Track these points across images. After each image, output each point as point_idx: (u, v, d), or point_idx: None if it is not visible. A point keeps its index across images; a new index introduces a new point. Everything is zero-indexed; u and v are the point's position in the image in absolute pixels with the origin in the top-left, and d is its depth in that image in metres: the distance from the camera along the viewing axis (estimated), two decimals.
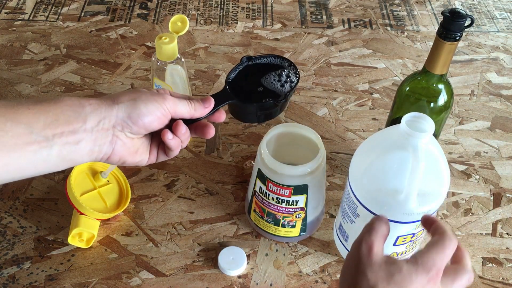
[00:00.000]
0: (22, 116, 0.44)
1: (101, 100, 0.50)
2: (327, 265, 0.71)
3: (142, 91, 0.52)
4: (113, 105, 0.50)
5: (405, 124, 0.55)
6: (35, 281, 0.68)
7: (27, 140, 0.44)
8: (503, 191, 0.82)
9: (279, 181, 0.65)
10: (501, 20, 1.18)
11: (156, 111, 0.51)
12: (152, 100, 0.51)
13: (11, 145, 0.44)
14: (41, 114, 0.45)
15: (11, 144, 0.44)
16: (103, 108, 0.49)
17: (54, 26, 1.10)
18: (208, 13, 1.16)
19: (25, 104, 0.45)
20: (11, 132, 0.43)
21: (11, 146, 0.44)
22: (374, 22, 1.15)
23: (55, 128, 0.46)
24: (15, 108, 0.45)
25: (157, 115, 0.51)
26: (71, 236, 0.70)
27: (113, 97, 0.51)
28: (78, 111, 0.47)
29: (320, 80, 1.00)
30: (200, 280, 0.69)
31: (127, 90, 0.52)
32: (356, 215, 0.63)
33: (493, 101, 0.97)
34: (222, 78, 0.99)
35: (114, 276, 0.69)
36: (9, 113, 0.44)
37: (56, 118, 0.46)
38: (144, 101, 0.51)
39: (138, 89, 0.52)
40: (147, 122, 0.51)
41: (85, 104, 0.48)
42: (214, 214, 0.77)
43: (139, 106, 0.50)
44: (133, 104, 0.50)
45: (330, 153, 0.86)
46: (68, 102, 0.48)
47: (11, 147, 0.44)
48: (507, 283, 0.70)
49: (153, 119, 0.51)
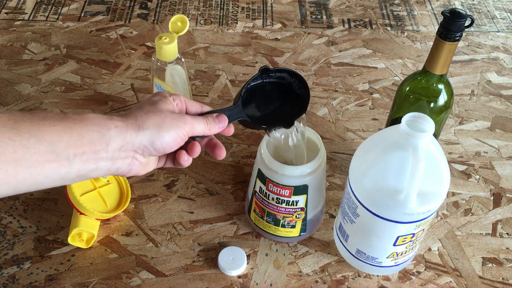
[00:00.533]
0: (46, 134, 0.45)
1: (127, 123, 0.49)
2: (327, 265, 0.72)
3: (166, 114, 0.52)
4: (138, 130, 0.50)
5: (405, 124, 0.55)
6: (35, 281, 0.68)
7: (49, 158, 0.45)
8: (503, 191, 0.82)
9: (279, 181, 0.65)
10: (501, 20, 1.18)
11: (177, 138, 0.52)
12: (174, 126, 0.52)
13: (32, 162, 0.44)
14: (65, 132, 0.46)
15: (32, 161, 0.44)
16: (128, 133, 0.49)
17: (54, 26, 1.10)
18: (208, 13, 1.16)
19: (51, 120, 0.46)
20: (34, 149, 0.44)
21: (32, 162, 0.44)
22: (374, 22, 1.15)
23: (77, 147, 0.46)
24: (41, 124, 0.45)
25: (178, 141, 0.52)
26: (71, 236, 0.70)
27: (139, 120, 0.50)
28: (103, 132, 0.48)
29: (320, 80, 1.00)
30: (200, 280, 0.69)
31: (151, 110, 0.51)
32: (356, 215, 0.63)
33: (493, 101, 0.97)
34: (222, 78, 0.99)
35: (114, 276, 0.69)
36: (34, 129, 0.44)
37: (80, 138, 0.46)
38: (168, 127, 0.51)
39: (161, 109, 0.52)
40: (167, 148, 0.52)
41: (110, 126, 0.48)
42: (214, 214, 0.77)
43: (163, 134, 0.51)
44: (158, 131, 0.51)
45: (330, 153, 0.86)
46: (94, 121, 0.48)
47: (32, 164, 0.44)
48: (507, 283, 0.70)
49: (173, 145, 0.52)
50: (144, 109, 0.51)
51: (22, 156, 0.43)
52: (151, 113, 0.51)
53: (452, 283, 0.70)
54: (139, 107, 0.52)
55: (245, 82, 0.61)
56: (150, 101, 0.53)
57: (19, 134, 0.43)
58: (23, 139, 0.43)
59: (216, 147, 0.58)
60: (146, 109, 0.51)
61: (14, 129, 0.43)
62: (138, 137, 0.50)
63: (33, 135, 0.44)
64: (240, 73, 1.00)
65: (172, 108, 0.53)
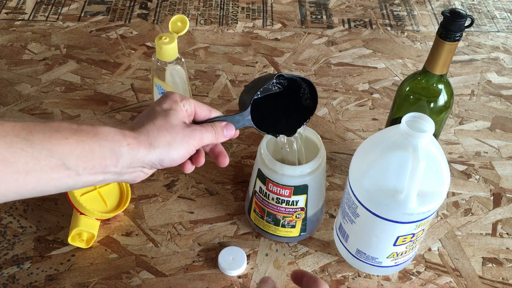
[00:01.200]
0: (58, 147, 0.45)
1: (139, 140, 0.50)
2: (327, 265, 0.72)
3: (177, 130, 0.52)
4: (149, 148, 0.50)
5: (405, 124, 0.55)
6: (35, 281, 0.68)
7: (59, 170, 0.46)
8: (503, 191, 0.82)
9: (279, 181, 0.65)
10: (501, 20, 1.18)
11: (186, 154, 0.53)
12: (184, 143, 0.52)
13: (42, 173, 0.45)
14: (77, 146, 0.46)
15: (42, 172, 0.45)
16: (140, 151, 0.49)
17: (54, 26, 1.10)
18: (208, 13, 1.16)
19: (64, 132, 0.46)
20: (44, 161, 0.44)
21: (42, 173, 0.45)
22: (374, 22, 1.15)
23: (87, 162, 0.47)
24: (53, 136, 0.45)
25: (185, 156, 0.53)
26: (71, 236, 0.70)
27: (150, 137, 0.50)
28: (114, 149, 0.48)
29: (320, 80, 1.00)
30: (200, 280, 0.69)
31: (163, 125, 0.51)
32: (356, 215, 0.63)
33: (493, 101, 0.97)
34: (222, 78, 0.99)
35: (114, 276, 0.69)
36: (46, 141, 0.45)
37: (91, 153, 0.47)
38: (178, 145, 0.51)
39: (173, 123, 0.52)
40: (174, 164, 0.53)
41: (122, 143, 0.48)
42: (214, 214, 0.77)
43: (172, 153, 0.51)
44: (168, 150, 0.51)
45: (330, 153, 0.86)
46: (108, 136, 0.48)
47: (41, 175, 0.45)
48: (507, 283, 0.70)
49: (180, 161, 0.53)
50: (156, 123, 0.51)
51: (33, 167, 0.44)
52: (163, 129, 0.51)
53: (452, 283, 0.70)
54: (151, 119, 0.51)
55: (253, 84, 0.60)
56: (162, 111, 0.52)
57: (31, 146, 0.44)
58: (35, 150, 0.44)
59: (220, 155, 0.59)
60: (158, 123, 0.51)
61: (26, 140, 0.44)
62: (149, 155, 0.50)
63: (45, 147, 0.44)
64: (240, 73, 1.00)
65: (183, 116, 0.53)
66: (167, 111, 0.52)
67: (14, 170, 0.43)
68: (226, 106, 0.93)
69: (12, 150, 0.43)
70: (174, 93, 0.55)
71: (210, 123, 0.55)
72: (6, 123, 0.44)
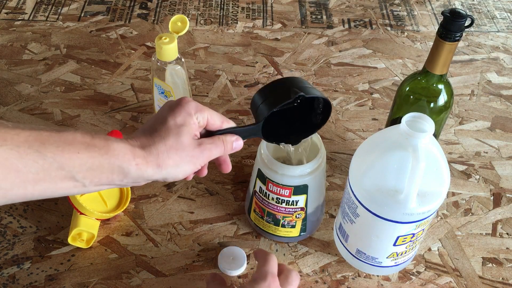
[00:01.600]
0: (69, 161, 0.46)
1: (148, 160, 0.50)
2: (327, 265, 0.72)
3: (187, 149, 0.52)
4: (157, 170, 0.51)
5: (405, 124, 0.55)
6: (35, 281, 0.68)
7: (67, 181, 0.47)
8: (503, 191, 0.82)
9: (279, 181, 0.65)
10: (501, 20, 1.18)
11: (190, 172, 0.54)
12: (191, 163, 0.53)
13: (51, 183, 0.47)
14: (87, 161, 0.47)
15: (51, 182, 0.47)
16: (147, 171, 0.50)
17: (54, 26, 1.10)
18: (208, 13, 1.16)
19: (77, 146, 0.47)
20: (54, 173, 0.46)
21: (51, 183, 0.47)
22: (374, 22, 1.15)
23: (95, 176, 0.48)
24: (66, 150, 0.46)
25: (190, 173, 0.54)
26: (71, 236, 0.70)
27: (160, 158, 0.51)
28: (123, 167, 0.49)
29: (320, 80, 1.00)
30: (200, 280, 0.69)
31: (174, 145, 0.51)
32: (356, 215, 0.63)
33: (493, 101, 0.97)
34: (222, 78, 0.99)
35: (114, 276, 0.69)
36: (57, 154, 0.46)
37: (100, 168, 0.48)
38: (185, 165, 0.52)
39: (184, 142, 0.52)
40: (177, 180, 0.54)
41: (131, 162, 0.49)
42: (214, 214, 0.77)
43: (179, 172, 0.52)
44: (174, 170, 0.52)
45: (330, 153, 0.86)
46: (118, 154, 0.49)
47: (50, 184, 0.47)
48: (507, 283, 0.70)
49: (184, 177, 0.54)
50: (167, 143, 0.51)
51: (43, 177, 0.46)
52: (173, 150, 0.51)
53: (452, 283, 0.70)
54: (163, 138, 0.51)
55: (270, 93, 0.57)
56: (175, 126, 0.52)
57: (43, 158, 0.45)
58: (46, 162, 0.45)
59: (224, 163, 0.59)
60: (169, 143, 0.51)
61: (39, 152, 0.45)
62: (155, 175, 0.51)
63: (56, 160, 0.46)
64: (240, 73, 1.00)
65: (195, 130, 0.53)
66: (180, 127, 0.52)
67: (24, 180, 0.45)
68: (226, 106, 0.93)
69: (24, 161, 0.44)
70: (189, 101, 0.54)
71: (221, 137, 0.55)
72: (22, 132, 0.45)
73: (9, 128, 0.45)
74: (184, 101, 0.54)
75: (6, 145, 0.43)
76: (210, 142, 0.54)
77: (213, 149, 0.54)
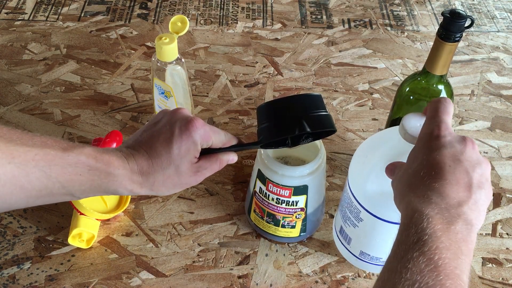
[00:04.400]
0: (71, 183, 0.49)
1: (143, 186, 0.53)
2: (327, 265, 0.72)
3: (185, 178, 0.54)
4: (148, 192, 0.54)
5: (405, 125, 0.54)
6: (35, 281, 0.69)
7: (66, 197, 0.51)
8: (503, 191, 0.82)
9: (279, 182, 0.65)
10: (501, 20, 1.18)
11: (180, 190, 0.57)
12: (183, 187, 0.55)
13: (51, 198, 0.50)
14: (87, 183, 0.51)
15: (52, 197, 0.50)
16: (141, 192, 0.54)
17: (54, 26, 1.10)
18: (208, 13, 1.16)
19: (80, 168, 0.50)
20: (56, 191, 0.49)
21: (51, 198, 0.50)
22: (374, 22, 1.15)
23: (92, 194, 0.52)
24: (71, 171, 0.49)
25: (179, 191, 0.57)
26: (71, 236, 0.70)
27: (155, 186, 0.53)
28: (118, 191, 0.53)
29: (320, 80, 1.00)
30: (200, 280, 0.69)
31: (172, 176, 0.53)
32: (359, 219, 0.63)
33: (493, 101, 0.97)
34: (222, 78, 0.99)
35: (114, 277, 0.69)
36: (61, 176, 0.49)
37: (98, 188, 0.51)
38: (176, 189, 0.55)
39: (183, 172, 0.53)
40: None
41: (127, 188, 0.52)
42: (214, 214, 0.77)
43: (168, 193, 0.55)
44: (166, 192, 0.55)
45: (330, 153, 0.86)
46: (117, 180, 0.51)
47: (50, 198, 0.50)
48: (507, 283, 0.70)
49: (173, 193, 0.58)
50: (166, 173, 0.52)
51: (45, 194, 0.49)
52: (170, 181, 0.53)
53: None
54: (163, 169, 0.52)
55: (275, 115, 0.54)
56: (178, 158, 0.52)
57: (47, 178, 0.48)
58: (49, 182, 0.48)
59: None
60: (167, 173, 0.53)
61: (44, 172, 0.48)
62: (148, 193, 0.54)
63: (59, 180, 0.49)
64: (240, 73, 1.00)
65: (196, 154, 0.54)
66: (182, 157, 0.52)
67: (28, 195, 0.48)
68: (226, 106, 0.93)
69: (30, 179, 0.47)
70: (198, 127, 0.53)
71: (219, 156, 0.56)
72: (30, 151, 0.47)
73: (18, 145, 0.47)
74: (193, 126, 0.53)
75: (14, 162, 0.46)
76: (208, 165, 0.55)
77: (208, 172, 0.55)
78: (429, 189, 0.44)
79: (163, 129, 0.53)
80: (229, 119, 0.91)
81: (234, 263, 0.71)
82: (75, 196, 0.51)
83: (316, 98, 0.55)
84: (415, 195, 0.45)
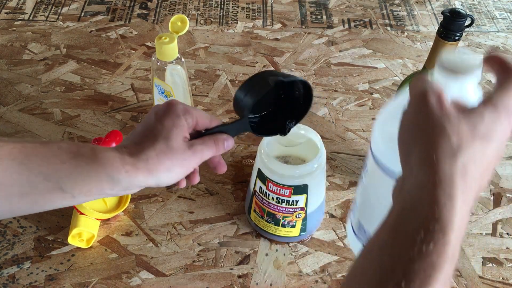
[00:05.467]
0: (55, 172, 0.45)
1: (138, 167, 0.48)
2: (327, 265, 0.72)
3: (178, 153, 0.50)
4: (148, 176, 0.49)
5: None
6: (35, 281, 0.68)
7: (55, 193, 0.46)
8: (503, 191, 0.82)
9: (279, 181, 0.65)
10: (501, 20, 1.18)
11: (183, 175, 0.52)
12: (183, 166, 0.51)
13: (38, 196, 0.46)
14: (73, 171, 0.46)
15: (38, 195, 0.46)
16: (138, 178, 0.48)
17: (54, 26, 1.10)
18: (208, 13, 1.16)
19: (62, 156, 0.46)
20: (41, 185, 0.45)
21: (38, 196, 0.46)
22: (374, 22, 1.15)
23: (83, 186, 0.47)
24: (51, 161, 0.45)
25: (182, 177, 0.52)
26: (71, 236, 0.70)
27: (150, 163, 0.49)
28: (112, 176, 0.47)
29: (320, 80, 1.00)
30: (200, 280, 0.69)
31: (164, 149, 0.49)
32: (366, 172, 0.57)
33: None
34: (222, 78, 0.99)
35: (114, 276, 0.69)
36: (43, 165, 0.45)
37: (88, 178, 0.47)
38: (177, 169, 0.50)
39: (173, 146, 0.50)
40: (170, 184, 0.52)
41: (121, 171, 0.47)
42: (214, 214, 0.77)
43: (171, 177, 0.50)
44: (167, 175, 0.50)
45: (330, 153, 0.86)
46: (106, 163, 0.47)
47: (37, 196, 0.46)
48: (507, 283, 0.70)
49: (176, 181, 0.52)
50: (157, 147, 0.49)
51: (29, 190, 0.45)
52: (163, 155, 0.49)
53: (452, 283, 0.70)
54: (152, 142, 0.50)
55: (250, 87, 0.56)
56: (164, 129, 0.50)
57: (28, 169, 0.44)
58: (31, 174, 0.44)
59: (219, 164, 0.58)
60: (159, 147, 0.49)
61: (23, 164, 0.44)
62: (147, 181, 0.49)
63: (42, 172, 0.44)
64: (240, 73, 1.00)
65: (185, 132, 0.52)
66: (169, 130, 0.50)
67: (9, 193, 0.44)
68: (226, 106, 0.93)
69: (8, 173, 0.43)
70: (176, 103, 0.53)
71: (212, 137, 0.54)
72: (5, 145, 0.44)
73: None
74: (171, 103, 0.52)
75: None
76: (201, 143, 0.52)
77: (205, 150, 0.52)
78: None
79: (146, 118, 0.53)
80: (229, 119, 0.91)
81: (234, 263, 0.71)
82: (66, 191, 0.46)
83: (274, 70, 0.57)
84: None
